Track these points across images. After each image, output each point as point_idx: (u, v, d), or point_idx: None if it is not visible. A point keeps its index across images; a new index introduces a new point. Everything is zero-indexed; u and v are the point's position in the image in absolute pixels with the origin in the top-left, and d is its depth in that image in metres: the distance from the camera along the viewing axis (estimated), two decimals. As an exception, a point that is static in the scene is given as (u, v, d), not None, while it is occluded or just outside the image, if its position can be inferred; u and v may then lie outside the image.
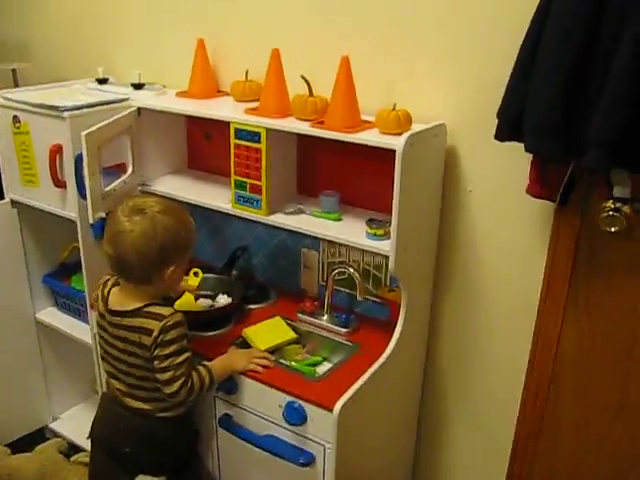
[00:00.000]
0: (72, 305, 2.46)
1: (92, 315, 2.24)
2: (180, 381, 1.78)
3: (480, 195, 1.94)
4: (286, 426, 1.85)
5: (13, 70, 2.73)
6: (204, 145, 2.40)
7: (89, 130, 1.89)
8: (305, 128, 1.85)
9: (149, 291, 1.82)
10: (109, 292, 1.87)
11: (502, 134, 1.68)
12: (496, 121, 1.67)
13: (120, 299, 1.84)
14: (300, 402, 1.80)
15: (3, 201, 2.34)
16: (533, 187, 1.73)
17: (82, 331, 2.39)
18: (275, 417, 1.87)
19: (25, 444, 2.62)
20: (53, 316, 2.52)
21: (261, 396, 1.88)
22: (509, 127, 1.65)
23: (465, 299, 2.07)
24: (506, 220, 1.91)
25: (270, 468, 1.93)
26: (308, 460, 1.82)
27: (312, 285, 2.31)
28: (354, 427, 1.83)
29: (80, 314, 2.44)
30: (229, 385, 1.93)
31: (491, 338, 2.06)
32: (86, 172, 1.91)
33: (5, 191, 2.32)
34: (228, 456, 2.08)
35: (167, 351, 1.76)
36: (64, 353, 2.62)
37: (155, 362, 1.78)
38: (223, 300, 2.22)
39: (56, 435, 2.66)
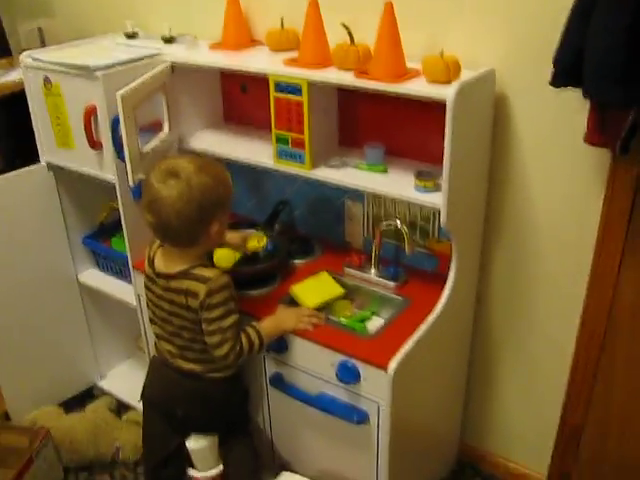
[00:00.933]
0: (113, 266, 2.44)
1: (135, 276, 2.24)
2: (229, 344, 1.77)
3: (531, 143, 1.85)
4: (339, 384, 1.83)
5: (39, 29, 2.65)
6: (240, 97, 2.32)
7: (124, 90, 1.83)
8: (349, 79, 1.77)
9: (195, 252, 1.79)
10: (154, 254, 1.85)
11: (558, 80, 1.59)
12: (551, 66, 1.58)
13: (166, 261, 1.81)
14: (353, 361, 1.78)
15: (39, 165, 2.29)
16: (592, 135, 1.64)
17: (124, 291, 2.38)
18: (327, 376, 1.85)
19: (76, 403, 2.65)
20: (95, 277, 2.51)
21: (312, 355, 1.87)
22: (566, 72, 1.56)
23: (516, 249, 2.01)
24: (559, 169, 1.84)
25: (323, 426, 1.93)
26: (362, 418, 1.82)
27: (357, 238, 2.26)
28: (408, 385, 1.81)
29: (121, 275, 2.43)
30: (279, 344, 1.91)
31: (543, 287, 2.01)
32: (124, 134, 1.85)
33: (40, 154, 2.28)
34: (279, 415, 2.09)
35: (214, 314, 1.75)
36: (107, 313, 2.62)
37: (203, 325, 1.77)
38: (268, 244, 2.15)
39: (104, 393, 2.69)
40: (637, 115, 1.56)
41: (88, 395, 2.71)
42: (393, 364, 1.70)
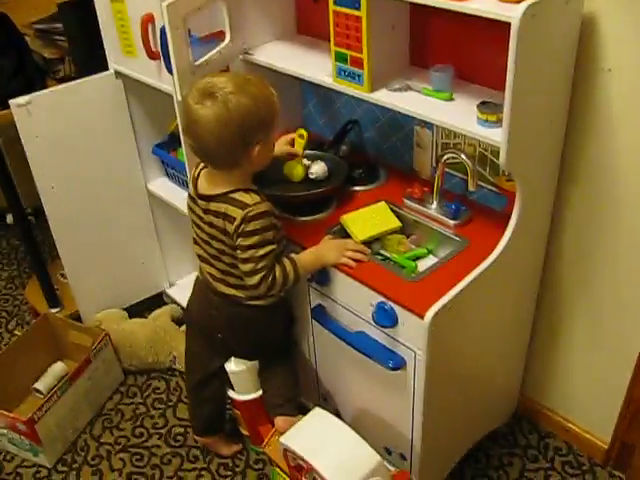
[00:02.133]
0: (179, 176, 2.41)
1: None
2: (260, 274, 1.69)
3: (621, 76, 1.59)
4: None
5: None
6: (313, 8, 2.15)
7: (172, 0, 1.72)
8: (411, -6, 1.58)
9: (238, 174, 1.70)
10: (199, 174, 1.78)
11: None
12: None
13: (208, 183, 1.74)
14: (391, 304, 1.67)
15: (107, 72, 2.26)
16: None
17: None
18: (366, 315, 1.75)
19: (145, 308, 2.73)
20: (164, 187, 2.50)
21: (353, 292, 1.77)
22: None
23: (594, 197, 1.78)
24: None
25: (360, 365, 1.85)
26: (398, 364, 1.71)
27: (425, 167, 2.09)
28: (449, 335, 1.69)
29: (186, 186, 2.39)
30: (321, 276, 1.83)
31: (623, 241, 1.78)
32: (170, 45, 1.76)
33: (109, 62, 2.24)
34: (322, 346, 2.03)
35: (249, 242, 1.67)
36: (177, 222, 2.60)
37: (237, 252, 1.70)
38: (317, 167, 2.03)
39: (173, 301, 2.74)
40: None
41: (158, 301, 2.78)
42: (430, 313, 1.57)
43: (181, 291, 2.70)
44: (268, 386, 2.00)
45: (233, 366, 1.98)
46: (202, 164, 1.79)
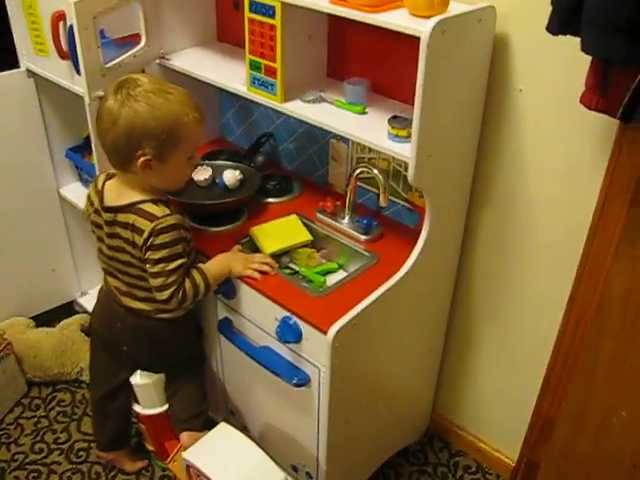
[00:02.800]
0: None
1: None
2: (172, 289, 1.64)
3: (532, 97, 1.60)
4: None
5: None
6: (234, 15, 2.11)
7: (81, -4, 1.67)
8: (322, 4, 1.54)
9: (136, 183, 1.64)
10: (103, 186, 1.71)
11: (555, 25, 1.31)
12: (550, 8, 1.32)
13: (116, 194, 1.68)
14: (296, 319, 1.63)
15: (18, 70, 2.17)
16: (588, 96, 1.36)
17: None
18: (271, 330, 1.71)
19: (54, 317, 2.62)
20: (77, 192, 2.40)
21: (258, 305, 1.73)
22: (564, 16, 1.28)
23: (505, 217, 1.78)
24: (560, 129, 1.58)
25: (268, 380, 1.79)
26: (302, 381, 1.67)
27: (340, 181, 2.07)
28: (354, 352, 1.65)
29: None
30: (227, 288, 1.78)
31: (531, 263, 1.79)
32: (78, 46, 1.70)
33: (20, 59, 2.15)
34: (230, 360, 1.97)
35: (158, 255, 1.61)
36: (90, 228, 2.51)
37: (147, 265, 1.64)
38: (230, 175, 1.99)
39: (84, 310, 2.64)
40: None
41: (69, 310, 2.67)
42: (334, 329, 1.53)
43: (93, 300, 2.53)
44: (174, 400, 1.93)
45: (138, 379, 1.90)
46: (102, 176, 1.73)
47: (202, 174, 2.01)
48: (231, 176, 1.98)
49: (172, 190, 1.74)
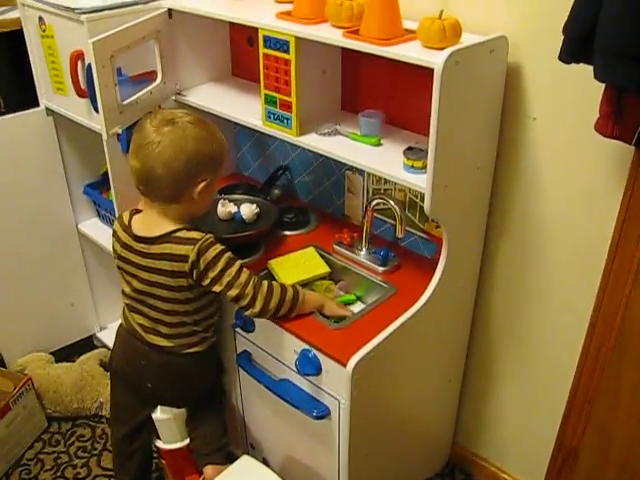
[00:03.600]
0: (111, 217, 2.34)
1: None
2: (251, 286, 1.64)
3: (546, 124, 1.61)
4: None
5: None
6: (248, 50, 2.14)
7: (98, 37, 1.69)
8: (336, 38, 1.57)
9: (177, 213, 1.66)
10: (130, 221, 1.72)
11: (567, 54, 1.33)
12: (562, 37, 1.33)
13: (146, 225, 1.69)
14: (315, 351, 1.63)
15: (38, 109, 2.21)
16: (604, 124, 1.37)
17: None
18: (291, 362, 1.70)
19: (73, 352, 2.63)
20: (95, 228, 2.43)
21: (277, 338, 1.73)
22: (576, 45, 1.30)
23: (523, 244, 1.78)
24: (575, 156, 1.59)
25: (287, 413, 1.79)
26: (322, 413, 1.67)
27: (356, 212, 2.08)
28: (374, 384, 1.65)
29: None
30: (246, 321, 1.78)
31: (550, 289, 1.78)
32: (97, 84, 1.72)
33: (40, 98, 2.20)
34: (249, 393, 1.97)
35: (218, 267, 1.63)
36: (108, 263, 2.48)
37: (215, 287, 1.64)
38: (247, 209, 2.01)
39: (103, 345, 2.65)
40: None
41: (88, 344, 2.68)
42: (353, 361, 1.53)
43: (112, 335, 2.54)
44: (196, 434, 1.92)
45: (159, 414, 1.89)
46: (127, 213, 1.75)
47: (227, 207, 2.02)
48: (248, 210, 1.99)
49: (200, 216, 1.76)
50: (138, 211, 1.74)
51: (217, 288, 1.64)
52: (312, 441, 1.81)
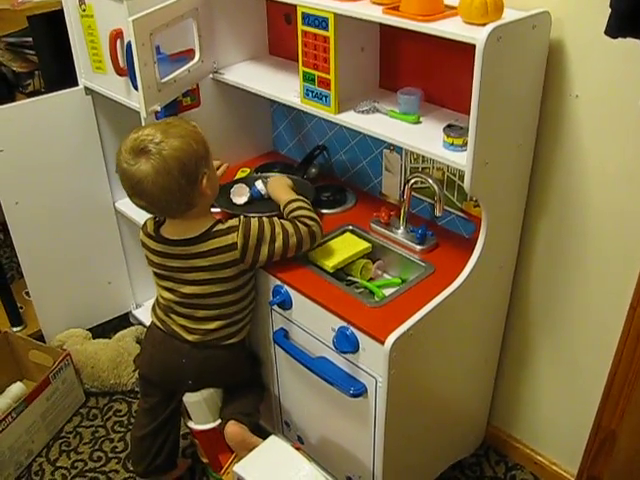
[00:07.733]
0: (148, 197, 2.37)
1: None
2: (301, 229, 1.76)
3: (589, 102, 1.58)
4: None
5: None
6: (286, 29, 2.14)
7: (137, 15, 1.69)
8: (375, 15, 1.55)
9: (200, 211, 1.71)
10: (156, 229, 1.76)
11: (615, 28, 1.29)
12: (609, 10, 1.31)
13: (178, 230, 1.73)
14: (352, 329, 1.63)
15: (77, 88, 2.23)
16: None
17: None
18: (328, 340, 1.71)
19: (110, 329, 2.68)
20: (132, 205, 2.30)
21: (314, 316, 1.73)
22: (626, 19, 1.27)
23: (562, 225, 1.75)
24: (619, 135, 1.55)
25: (323, 391, 1.80)
26: (359, 391, 1.67)
27: (394, 191, 2.07)
28: (411, 362, 1.65)
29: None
30: (283, 299, 1.78)
31: (590, 270, 1.75)
32: (136, 62, 1.73)
33: (79, 77, 2.21)
34: (285, 371, 1.98)
35: (268, 235, 1.72)
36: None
37: (276, 251, 1.73)
38: (261, 184, 2.01)
39: (139, 322, 2.69)
40: None
41: (124, 322, 2.73)
42: (391, 339, 1.53)
43: (147, 312, 2.61)
44: (228, 404, 1.93)
45: (190, 396, 1.91)
46: (151, 220, 1.80)
47: (241, 191, 2.02)
48: (262, 184, 2.01)
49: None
50: (161, 220, 1.78)
51: (278, 250, 1.74)
52: (348, 419, 1.81)
